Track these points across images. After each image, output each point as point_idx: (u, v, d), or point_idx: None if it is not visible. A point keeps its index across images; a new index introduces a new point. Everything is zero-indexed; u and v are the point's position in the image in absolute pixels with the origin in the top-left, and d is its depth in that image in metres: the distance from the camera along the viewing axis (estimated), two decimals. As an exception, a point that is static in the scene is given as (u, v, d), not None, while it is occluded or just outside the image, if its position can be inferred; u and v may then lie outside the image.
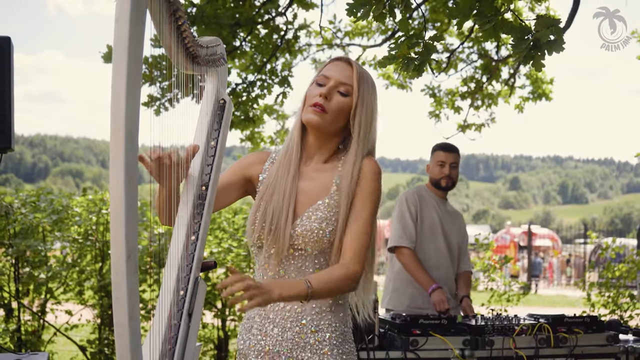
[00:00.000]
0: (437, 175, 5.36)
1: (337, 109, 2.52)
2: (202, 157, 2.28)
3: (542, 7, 9.59)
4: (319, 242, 2.45)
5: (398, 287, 5.33)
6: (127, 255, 1.63)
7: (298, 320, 2.46)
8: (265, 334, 2.48)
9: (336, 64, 2.60)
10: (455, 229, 5.44)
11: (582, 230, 30.18)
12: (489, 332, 4.33)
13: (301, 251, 2.47)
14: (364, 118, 2.54)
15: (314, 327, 2.45)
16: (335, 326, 2.48)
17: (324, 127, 2.54)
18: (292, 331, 2.45)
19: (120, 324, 1.66)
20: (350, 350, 2.52)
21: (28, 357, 4.12)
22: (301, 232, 2.45)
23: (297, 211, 2.51)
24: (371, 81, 2.61)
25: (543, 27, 3.54)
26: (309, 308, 2.46)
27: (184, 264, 2.11)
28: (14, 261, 6.85)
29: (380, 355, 4.13)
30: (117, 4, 1.64)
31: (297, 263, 2.48)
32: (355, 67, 2.56)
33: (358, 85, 2.53)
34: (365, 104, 2.54)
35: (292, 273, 2.48)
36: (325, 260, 2.48)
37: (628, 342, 4.54)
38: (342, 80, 2.53)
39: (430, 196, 5.40)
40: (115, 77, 1.63)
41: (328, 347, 2.44)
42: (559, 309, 17.66)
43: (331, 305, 2.49)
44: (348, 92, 2.53)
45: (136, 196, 1.68)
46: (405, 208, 5.30)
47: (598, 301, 8.23)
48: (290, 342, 2.45)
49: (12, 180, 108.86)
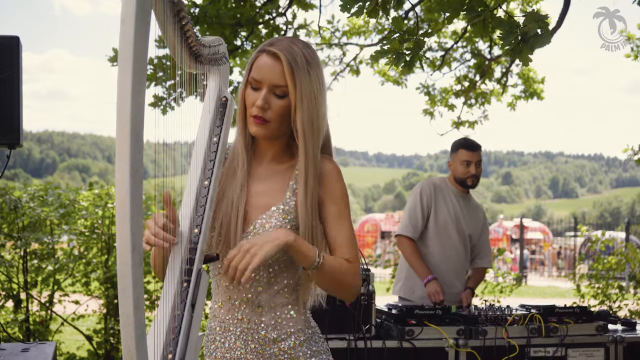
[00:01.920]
0: (462, 175, 5.32)
1: (277, 115, 2.30)
2: (204, 153, 2.28)
3: (534, 8, 9.62)
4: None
5: (410, 276, 5.33)
6: (133, 247, 1.63)
7: (257, 332, 2.31)
8: (230, 347, 2.35)
9: (264, 61, 2.30)
10: (473, 223, 5.43)
11: (573, 223, 30.18)
12: (482, 322, 4.34)
13: None
14: (306, 114, 2.28)
15: (276, 337, 2.31)
16: (300, 332, 2.34)
17: (272, 135, 2.35)
18: (255, 342, 2.32)
19: (126, 314, 1.66)
20: (319, 350, 2.39)
21: (36, 346, 4.12)
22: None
23: (249, 216, 2.34)
24: (307, 60, 2.31)
25: (531, 21, 3.54)
26: (267, 318, 2.32)
27: (187, 256, 2.11)
28: (23, 253, 6.86)
29: (377, 345, 4.14)
30: (123, 5, 1.64)
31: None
32: (284, 60, 2.27)
33: (293, 81, 2.26)
34: (305, 98, 2.27)
35: (245, 284, 2.22)
36: (279, 268, 2.32)
37: (617, 332, 4.55)
38: (274, 82, 2.27)
39: (449, 189, 5.38)
40: (121, 75, 1.63)
41: (294, 356, 2.32)
42: (550, 299, 17.70)
43: (289, 310, 2.34)
44: (284, 93, 2.28)
45: (141, 190, 1.68)
46: (418, 199, 5.29)
47: (588, 292, 8.25)
48: (255, 354, 2.32)
49: (21, 175, 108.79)
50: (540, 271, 32.82)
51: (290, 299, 2.36)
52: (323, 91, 2.36)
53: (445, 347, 4.22)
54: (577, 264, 12.28)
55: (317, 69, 2.34)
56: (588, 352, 4.41)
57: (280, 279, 2.34)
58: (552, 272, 31.77)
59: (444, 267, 5.23)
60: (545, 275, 31.31)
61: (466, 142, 5.42)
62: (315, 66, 2.34)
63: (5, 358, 3.80)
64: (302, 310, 2.38)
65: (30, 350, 3.99)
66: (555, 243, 35.39)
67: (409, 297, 5.29)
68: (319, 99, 2.32)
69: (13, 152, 3.96)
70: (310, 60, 2.32)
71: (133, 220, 1.64)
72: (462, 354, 4.23)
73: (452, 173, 5.39)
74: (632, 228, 25.08)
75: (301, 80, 2.28)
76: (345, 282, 2.29)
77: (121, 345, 1.69)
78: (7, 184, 7.63)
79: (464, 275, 5.39)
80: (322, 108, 2.34)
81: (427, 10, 8.31)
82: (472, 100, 10.33)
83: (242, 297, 2.34)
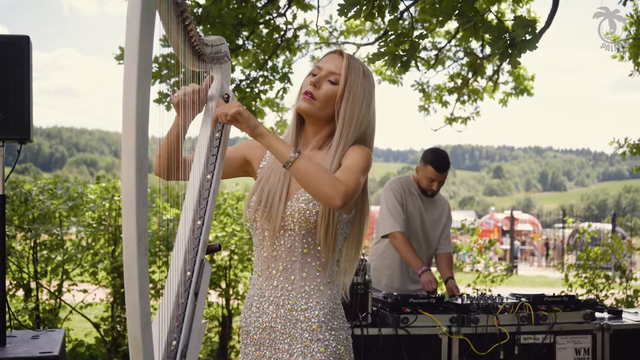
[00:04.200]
0: (425, 186, 5.32)
1: (325, 96, 2.46)
2: (207, 148, 2.28)
3: (524, 9, 9.61)
4: (306, 222, 2.40)
5: (378, 267, 5.41)
6: (138, 238, 1.64)
7: (289, 299, 2.42)
8: (263, 311, 2.46)
9: (330, 56, 2.55)
10: (436, 217, 5.45)
11: (561, 215, 30.24)
12: (474, 310, 4.35)
13: (290, 231, 2.43)
14: (350, 106, 2.46)
15: (303, 305, 2.41)
16: (324, 304, 2.43)
17: (314, 113, 2.49)
18: (284, 308, 2.42)
19: (132, 302, 1.66)
20: (340, 326, 2.46)
21: (46, 333, 4.13)
22: (290, 212, 2.41)
23: (290, 193, 2.46)
24: (364, 72, 2.52)
25: (519, 26, 3.56)
26: (298, 287, 2.43)
27: (191, 247, 2.11)
28: (33, 244, 6.86)
29: (373, 332, 4.15)
30: (129, 6, 1.64)
31: (287, 243, 2.44)
32: (345, 58, 2.50)
33: (346, 74, 2.47)
34: (353, 92, 2.47)
35: (282, 254, 2.45)
36: (312, 240, 2.42)
37: (603, 320, 4.56)
38: (332, 70, 2.48)
39: (414, 189, 5.39)
40: (126, 73, 1.63)
41: (317, 324, 2.40)
42: (540, 289, 17.69)
43: (319, 284, 2.44)
44: (337, 81, 2.47)
45: (146, 184, 1.68)
46: (392, 196, 5.28)
47: (575, 282, 8.25)
48: (283, 319, 2.42)
49: (31, 169, 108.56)
50: (530, 261, 32.82)
51: (321, 273, 2.45)
52: (370, 101, 2.52)
53: (439, 334, 4.23)
54: (565, 255, 12.27)
55: (369, 83, 2.53)
56: (576, 339, 4.42)
57: (314, 252, 2.45)
58: (542, 263, 31.79)
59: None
60: (535, 266, 31.29)
61: (437, 162, 5.29)
62: (369, 80, 2.54)
63: (16, 344, 3.80)
64: (330, 286, 2.47)
65: (40, 337, 4.00)
66: (544, 234, 35.38)
67: (375, 286, 5.31)
68: (364, 103, 2.50)
69: (23, 147, 3.96)
70: (367, 74, 2.54)
71: (138, 212, 1.64)
72: (454, 340, 4.24)
73: (418, 179, 5.40)
74: (618, 220, 25.13)
75: (353, 78, 2.48)
76: (322, 187, 2.19)
77: (127, 332, 1.69)
78: (17, 178, 7.62)
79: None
80: (363, 111, 2.50)
81: (421, 11, 8.30)
82: (464, 97, 10.32)
83: (279, 266, 2.46)
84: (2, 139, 3.83)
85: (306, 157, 2.23)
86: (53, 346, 3.73)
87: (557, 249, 30.98)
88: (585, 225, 9.22)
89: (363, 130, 2.50)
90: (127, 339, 1.71)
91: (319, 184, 2.20)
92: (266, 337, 2.45)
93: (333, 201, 2.19)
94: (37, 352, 3.60)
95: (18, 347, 3.74)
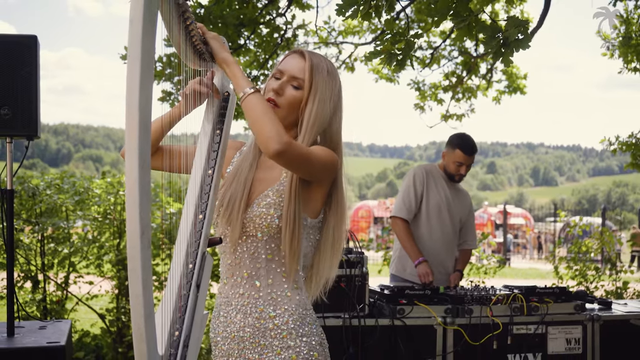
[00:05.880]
0: (453, 171, 5.31)
1: (288, 103, 2.34)
2: (208, 145, 2.28)
3: (517, 9, 9.61)
4: (268, 228, 2.29)
5: (402, 255, 5.35)
6: (141, 231, 1.63)
7: (256, 306, 2.30)
8: (230, 320, 2.34)
9: (292, 57, 2.41)
10: (460, 207, 5.43)
11: (552, 209, 30.22)
12: (468, 301, 4.35)
13: (252, 237, 2.31)
14: (315, 109, 2.32)
15: (272, 312, 2.29)
16: (292, 310, 2.30)
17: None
18: (252, 317, 2.30)
19: (135, 294, 1.66)
20: (311, 332, 2.32)
21: (53, 324, 4.14)
22: (251, 217, 2.30)
23: (251, 199, 2.35)
24: (328, 71, 2.39)
25: (512, 26, 3.56)
26: (265, 294, 2.31)
27: (193, 240, 2.11)
28: (40, 237, 6.86)
29: (370, 323, 4.15)
30: (131, 6, 1.63)
31: (250, 250, 2.32)
32: (308, 60, 2.36)
33: (310, 78, 2.33)
34: (319, 95, 2.33)
35: (246, 260, 2.33)
36: (276, 246, 2.31)
37: (593, 311, 4.56)
38: (294, 74, 2.34)
39: (440, 175, 5.37)
40: (129, 72, 1.63)
41: (286, 332, 2.28)
42: (532, 280, 17.71)
43: (286, 290, 2.32)
44: (300, 86, 2.34)
45: (149, 179, 1.68)
46: (412, 183, 5.28)
47: (566, 274, 8.26)
48: (252, 328, 2.30)
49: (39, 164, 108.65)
50: (522, 254, 32.89)
51: (287, 278, 2.33)
52: (337, 102, 2.39)
53: (434, 325, 4.23)
54: (556, 248, 12.28)
55: (334, 82, 2.39)
56: (567, 329, 4.42)
57: (278, 258, 2.33)
58: (534, 255, 31.82)
59: (437, 248, 5.24)
60: (527, 258, 31.36)
61: (465, 144, 5.30)
62: (334, 79, 2.39)
63: (24, 335, 3.81)
64: (298, 291, 2.35)
65: (47, 328, 4.00)
66: (536, 228, 35.40)
67: (400, 274, 5.31)
68: (329, 105, 2.36)
69: (31, 143, 3.97)
70: (331, 72, 2.40)
71: (141, 207, 1.64)
72: (449, 331, 4.24)
73: (444, 164, 5.37)
74: (607, 214, 25.17)
75: (318, 80, 2.34)
76: (264, 130, 2.11)
77: (131, 322, 1.69)
78: (25, 173, 7.63)
79: (454, 255, 5.39)
80: (329, 111, 2.37)
81: (417, 11, 8.30)
82: (459, 94, 10.33)
83: (244, 273, 2.33)
84: (11, 135, 3.84)
85: (262, 97, 2.17)
86: (60, 336, 3.74)
87: (548, 242, 31.02)
88: (576, 219, 9.23)
89: (322, 129, 2.38)
90: (132, 329, 1.71)
91: (264, 123, 2.11)
92: (235, 347, 2.34)
93: (271, 143, 2.09)
94: (44, 342, 3.60)
95: (26, 337, 3.74)
